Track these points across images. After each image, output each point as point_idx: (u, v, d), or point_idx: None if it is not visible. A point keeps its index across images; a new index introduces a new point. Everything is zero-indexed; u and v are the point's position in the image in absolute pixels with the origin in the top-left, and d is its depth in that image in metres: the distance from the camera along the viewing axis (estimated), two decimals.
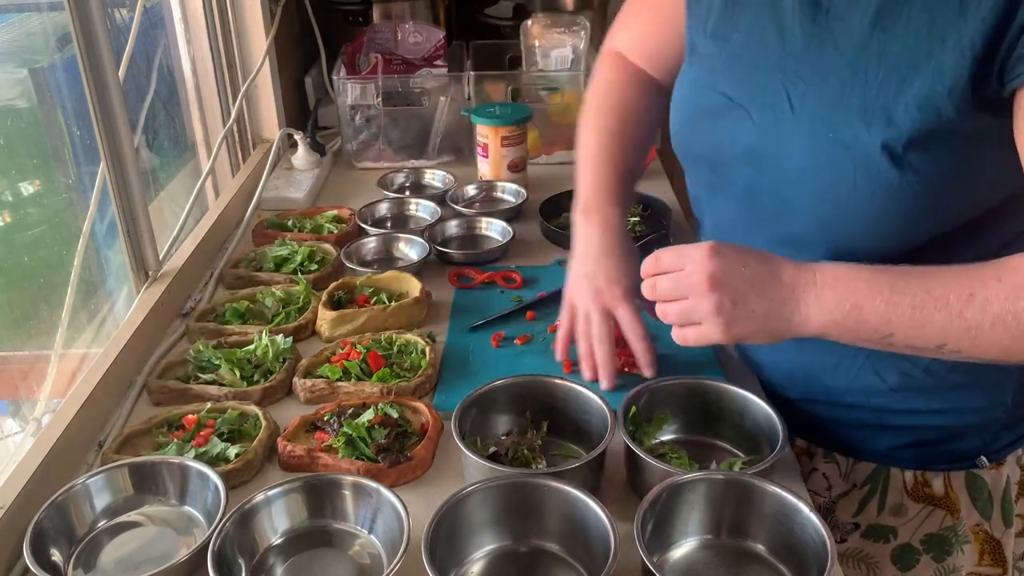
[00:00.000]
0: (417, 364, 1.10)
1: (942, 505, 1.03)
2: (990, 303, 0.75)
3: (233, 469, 0.92)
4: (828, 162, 0.83)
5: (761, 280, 0.81)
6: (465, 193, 1.61)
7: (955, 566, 1.05)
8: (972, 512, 1.03)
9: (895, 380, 0.96)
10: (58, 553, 0.84)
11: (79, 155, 1.31)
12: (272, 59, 1.74)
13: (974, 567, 1.06)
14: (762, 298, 0.81)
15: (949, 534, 1.04)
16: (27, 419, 1.15)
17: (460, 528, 0.82)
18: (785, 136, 0.87)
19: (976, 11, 0.74)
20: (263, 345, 1.11)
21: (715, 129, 0.94)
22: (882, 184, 0.81)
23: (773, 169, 0.89)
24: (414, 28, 1.88)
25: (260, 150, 1.78)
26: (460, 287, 1.32)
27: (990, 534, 1.05)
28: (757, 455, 0.93)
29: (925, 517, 1.03)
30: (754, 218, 0.94)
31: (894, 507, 1.03)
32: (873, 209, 0.83)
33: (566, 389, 0.98)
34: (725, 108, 0.92)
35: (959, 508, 1.03)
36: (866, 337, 0.81)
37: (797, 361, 1.01)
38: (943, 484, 1.02)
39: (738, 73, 0.91)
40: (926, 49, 0.77)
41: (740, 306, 0.81)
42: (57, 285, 1.21)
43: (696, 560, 0.83)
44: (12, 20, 1.33)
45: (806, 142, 0.85)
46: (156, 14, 1.61)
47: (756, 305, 0.81)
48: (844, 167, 0.82)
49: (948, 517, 1.03)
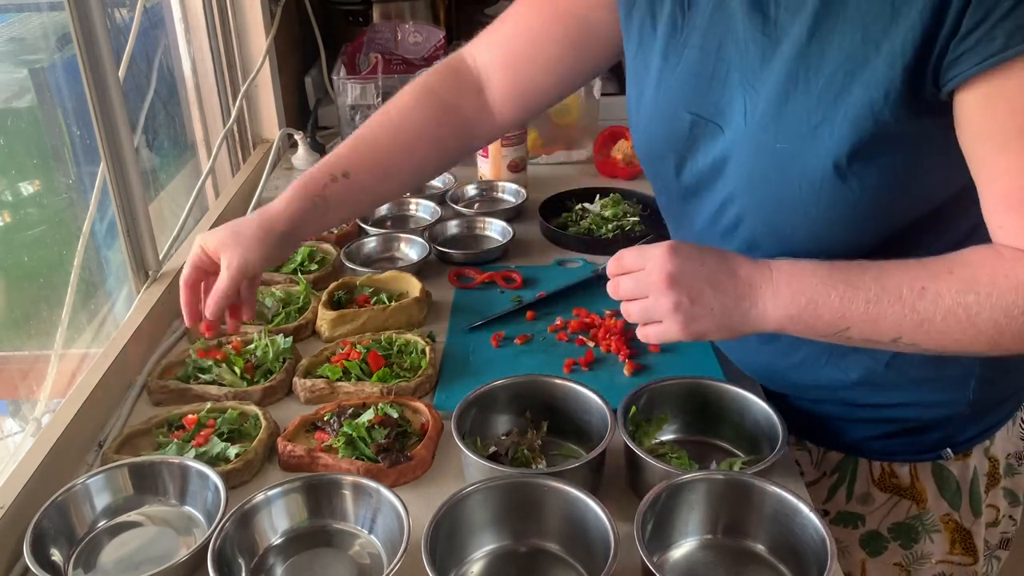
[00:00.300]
0: (417, 364, 1.10)
1: (908, 495, 1.05)
2: (941, 296, 0.77)
3: (233, 469, 0.92)
4: (776, 171, 0.84)
5: (718, 277, 0.82)
6: (465, 193, 1.61)
7: (923, 553, 1.07)
8: (940, 502, 1.05)
9: (858, 375, 0.98)
10: (58, 553, 0.84)
11: (79, 155, 1.31)
12: (272, 59, 1.74)
13: (945, 555, 1.08)
14: (720, 295, 0.82)
15: (916, 523, 1.06)
16: (27, 419, 1.15)
17: (460, 528, 0.82)
18: (740, 147, 0.88)
19: (906, 18, 0.74)
20: (263, 345, 1.11)
21: (687, 148, 0.94)
22: (827, 191, 0.82)
23: (733, 179, 0.90)
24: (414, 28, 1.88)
25: (260, 150, 1.78)
26: (460, 287, 1.32)
27: (960, 524, 1.07)
28: (757, 455, 0.93)
29: (892, 507, 1.05)
30: (718, 228, 0.95)
31: (861, 496, 1.06)
32: (819, 216, 0.84)
33: (566, 389, 0.98)
34: (694, 126, 0.92)
35: (926, 498, 1.04)
36: (823, 331, 0.82)
37: (762, 359, 1.04)
38: (909, 474, 1.04)
39: (700, 90, 0.90)
40: (861, 56, 0.78)
41: (698, 303, 0.82)
42: (57, 285, 1.21)
43: (696, 560, 0.83)
44: (12, 20, 1.33)
45: (755, 152, 0.86)
46: (156, 14, 1.61)
47: (713, 302, 0.82)
48: (791, 176, 0.83)
49: (914, 507, 1.05)
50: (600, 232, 1.44)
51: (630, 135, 1.60)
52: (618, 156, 1.69)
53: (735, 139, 0.88)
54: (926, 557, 1.08)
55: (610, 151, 1.71)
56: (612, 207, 1.49)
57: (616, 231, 1.44)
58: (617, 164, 1.69)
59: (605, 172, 1.71)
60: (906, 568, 1.09)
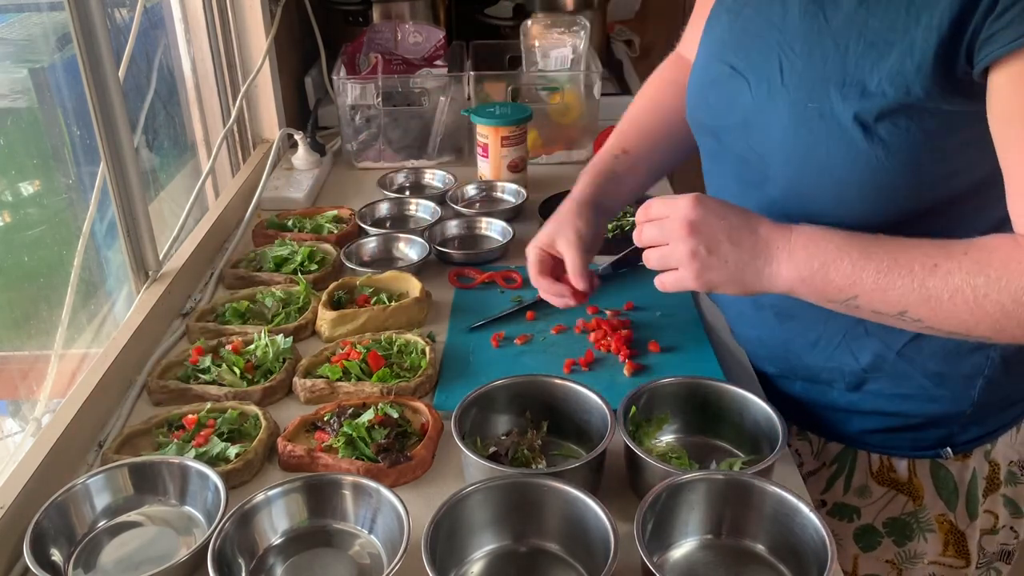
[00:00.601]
0: (417, 364, 1.10)
1: (905, 491, 1.05)
2: (951, 275, 0.77)
3: (233, 469, 0.92)
4: (805, 131, 0.87)
5: (738, 231, 0.85)
6: (465, 193, 1.61)
7: (916, 552, 1.08)
8: (936, 501, 1.05)
9: (868, 361, 0.99)
10: (58, 553, 0.84)
11: (79, 155, 1.31)
12: (272, 59, 1.74)
13: (938, 556, 1.08)
14: (736, 248, 0.84)
15: (911, 520, 1.06)
16: (27, 419, 1.15)
17: (460, 528, 0.82)
18: (773, 105, 0.90)
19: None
20: (263, 345, 1.12)
21: (719, 98, 0.98)
22: (852, 154, 0.84)
23: (760, 137, 0.92)
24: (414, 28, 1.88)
25: (260, 150, 1.78)
26: (460, 287, 1.32)
27: (955, 525, 1.07)
28: (757, 455, 0.93)
29: (888, 501, 1.06)
30: (744, 185, 0.97)
31: (859, 488, 1.06)
32: (843, 178, 0.86)
33: (566, 389, 0.98)
34: (728, 78, 0.96)
35: (923, 495, 1.05)
36: (832, 296, 0.83)
37: (779, 336, 1.05)
38: (907, 470, 1.04)
39: (743, 44, 0.95)
40: (903, 26, 0.80)
41: (714, 253, 0.84)
42: (57, 285, 1.21)
43: (696, 560, 0.83)
44: (12, 20, 1.33)
45: (788, 111, 0.88)
46: (156, 14, 1.61)
47: (729, 254, 0.84)
48: (819, 136, 0.86)
49: (911, 503, 1.06)
50: None
51: None
52: None
53: (767, 96, 0.91)
54: (919, 556, 1.08)
55: None
56: None
57: (615, 231, 1.44)
58: None
59: None
60: (897, 566, 1.09)
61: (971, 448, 1.03)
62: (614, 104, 1.96)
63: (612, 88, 2.08)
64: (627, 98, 2.00)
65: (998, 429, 1.04)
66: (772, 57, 0.90)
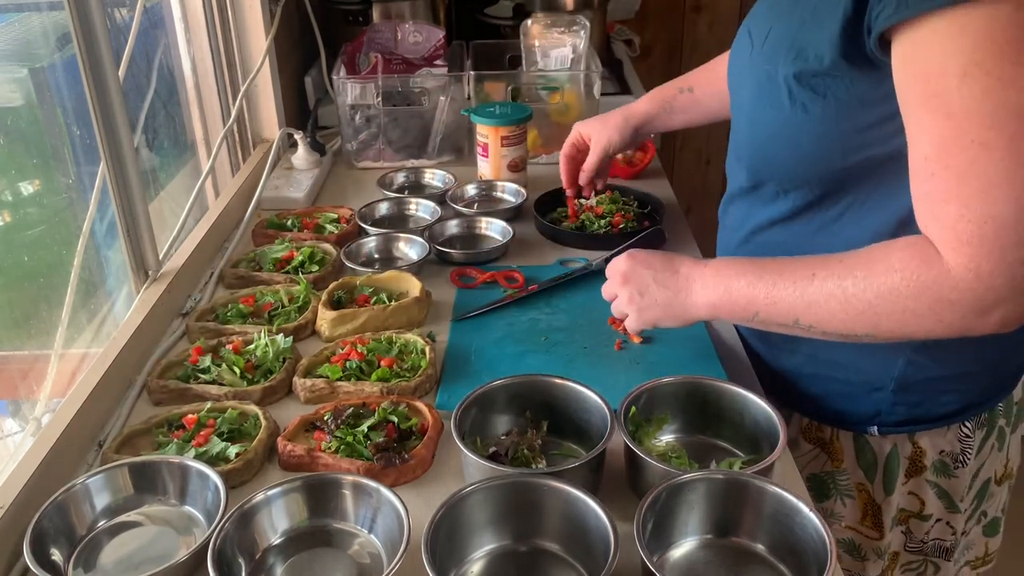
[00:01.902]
0: (417, 364, 1.10)
1: (827, 450, 1.12)
2: (826, 281, 0.86)
3: (233, 469, 0.92)
4: (758, 89, 0.98)
5: (662, 274, 1.00)
6: (465, 193, 1.61)
7: (833, 512, 1.14)
8: (856, 470, 1.11)
9: None
10: (58, 553, 0.84)
11: (79, 155, 1.30)
12: (272, 59, 1.74)
13: (856, 524, 1.14)
14: (663, 288, 0.99)
15: (828, 480, 1.13)
16: (27, 419, 1.14)
17: (460, 528, 0.82)
18: (751, 67, 1.02)
19: None
20: (263, 345, 1.11)
21: (736, 59, 1.11)
22: (781, 114, 0.95)
23: (741, 98, 1.06)
24: (414, 28, 1.88)
25: (260, 150, 1.78)
26: (462, 287, 1.32)
27: (872, 496, 1.11)
28: (757, 455, 0.94)
29: (812, 458, 1.14)
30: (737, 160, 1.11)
31: (791, 441, 1.13)
32: (776, 133, 0.97)
33: (566, 389, 0.98)
34: (745, 44, 1.06)
35: (842, 459, 1.11)
36: (739, 316, 0.94)
37: None
38: (831, 431, 1.11)
39: (759, 12, 1.05)
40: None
41: (646, 296, 1.00)
42: (57, 285, 1.21)
43: (696, 560, 0.83)
44: (12, 20, 1.32)
45: (753, 72, 1.00)
46: (156, 14, 1.61)
47: (658, 295, 1.00)
48: (764, 94, 0.97)
49: (830, 463, 1.12)
50: (592, 228, 1.45)
51: None
52: (618, 156, 1.69)
53: (751, 59, 1.02)
54: (836, 518, 1.14)
55: None
56: (607, 204, 1.49)
57: (607, 227, 1.44)
58: (617, 164, 1.69)
59: None
60: None
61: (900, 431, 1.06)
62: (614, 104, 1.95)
63: (612, 88, 2.08)
64: (627, 98, 2.01)
65: (927, 422, 1.06)
66: (765, 24, 1.00)
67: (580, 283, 1.30)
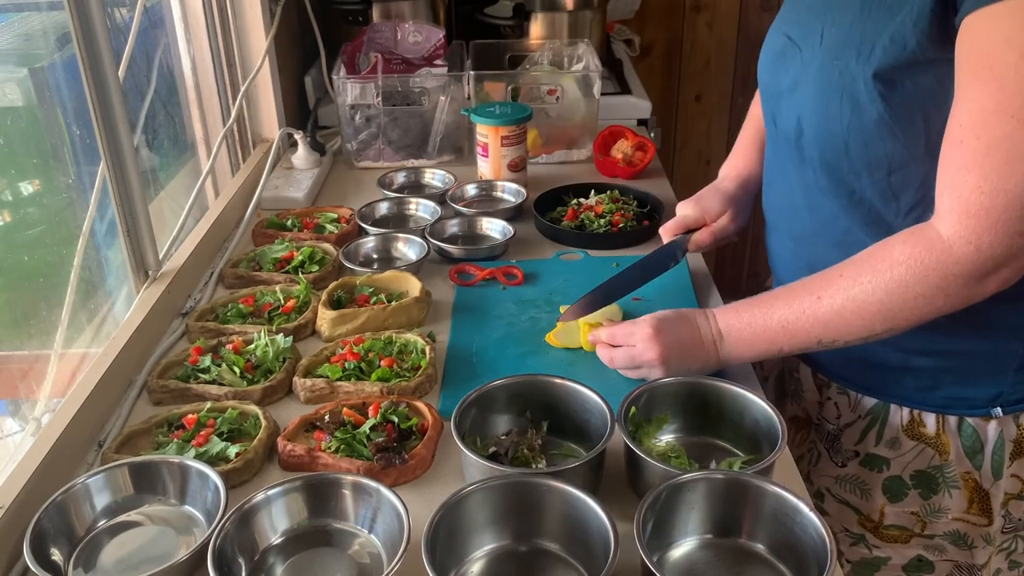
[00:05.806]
0: (417, 364, 1.10)
1: (932, 445, 1.09)
2: (834, 298, 0.91)
3: (233, 469, 0.92)
4: (828, 85, 0.97)
5: (692, 348, 1.02)
6: (465, 193, 1.61)
7: (941, 507, 1.12)
8: (962, 458, 1.08)
9: None
10: (58, 553, 0.84)
11: (79, 155, 1.30)
12: (272, 59, 1.74)
13: (962, 514, 1.12)
14: (694, 360, 1.03)
15: (936, 474, 1.10)
16: (27, 419, 1.15)
17: (460, 528, 0.82)
18: (811, 66, 1.00)
19: None
20: (263, 345, 1.11)
21: (776, 63, 1.08)
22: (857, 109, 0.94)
23: (800, 97, 1.02)
24: (414, 28, 1.88)
25: (260, 150, 1.78)
26: (461, 284, 1.32)
27: (979, 483, 1.09)
28: (757, 455, 0.94)
29: (916, 454, 1.10)
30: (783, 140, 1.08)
31: (890, 440, 1.11)
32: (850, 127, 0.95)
33: (566, 389, 0.98)
34: (785, 46, 1.06)
35: (948, 451, 1.08)
36: (764, 354, 1.00)
37: None
38: (936, 424, 1.08)
39: (799, 16, 1.05)
40: None
41: (680, 367, 1.03)
42: (57, 285, 1.20)
43: (696, 560, 0.83)
44: (12, 20, 1.32)
45: (819, 69, 0.98)
46: (156, 14, 1.61)
47: (692, 364, 1.03)
48: (835, 90, 0.95)
49: (937, 457, 1.09)
50: (592, 227, 1.45)
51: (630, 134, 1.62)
52: (618, 156, 1.69)
53: (809, 59, 1.00)
54: (943, 511, 1.12)
55: (610, 151, 1.71)
56: (607, 203, 1.49)
57: (607, 226, 1.44)
58: (617, 164, 1.69)
59: (605, 172, 1.71)
60: (922, 519, 1.12)
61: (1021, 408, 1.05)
62: (614, 104, 1.96)
63: (612, 88, 2.08)
64: (627, 98, 2.01)
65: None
66: (816, 25, 0.99)
67: (580, 283, 1.30)
